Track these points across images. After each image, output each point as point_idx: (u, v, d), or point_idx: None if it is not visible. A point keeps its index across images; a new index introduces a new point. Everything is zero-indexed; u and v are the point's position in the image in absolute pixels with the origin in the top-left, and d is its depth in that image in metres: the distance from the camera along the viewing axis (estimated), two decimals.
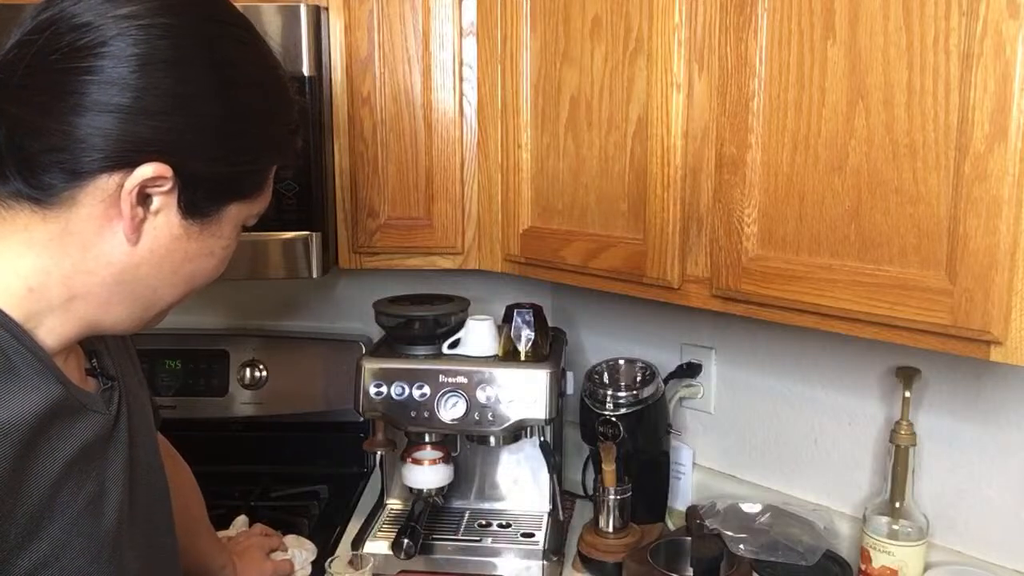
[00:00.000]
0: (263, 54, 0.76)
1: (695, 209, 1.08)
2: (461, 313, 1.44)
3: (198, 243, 0.73)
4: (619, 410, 1.37)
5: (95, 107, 0.64)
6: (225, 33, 0.72)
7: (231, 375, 1.70)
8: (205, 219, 0.72)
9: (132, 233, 0.69)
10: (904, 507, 1.16)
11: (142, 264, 0.71)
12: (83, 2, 0.65)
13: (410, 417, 1.34)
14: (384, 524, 1.47)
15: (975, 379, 1.16)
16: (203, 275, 0.76)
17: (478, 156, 1.38)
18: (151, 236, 0.70)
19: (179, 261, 0.73)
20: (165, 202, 0.69)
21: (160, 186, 0.68)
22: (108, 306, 0.72)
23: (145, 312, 0.75)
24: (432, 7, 1.34)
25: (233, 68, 0.71)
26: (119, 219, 0.68)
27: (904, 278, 0.86)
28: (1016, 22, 0.74)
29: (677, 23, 1.05)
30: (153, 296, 0.74)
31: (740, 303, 1.04)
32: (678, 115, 1.07)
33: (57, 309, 0.70)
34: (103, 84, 0.64)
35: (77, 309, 0.71)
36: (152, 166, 0.66)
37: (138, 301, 0.73)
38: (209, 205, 0.72)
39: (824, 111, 0.91)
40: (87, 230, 0.68)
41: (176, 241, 0.71)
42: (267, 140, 0.76)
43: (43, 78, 0.65)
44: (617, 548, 1.35)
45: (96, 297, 0.71)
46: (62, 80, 0.64)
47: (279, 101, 0.77)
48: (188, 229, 0.72)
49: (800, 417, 1.37)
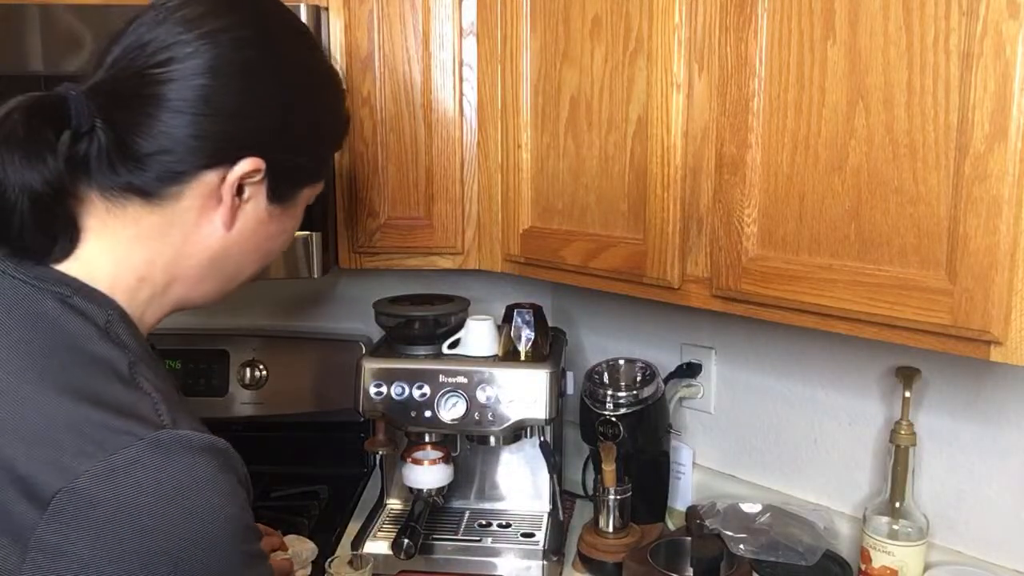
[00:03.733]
0: (324, 55, 0.86)
1: (695, 209, 1.08)
2: (461, 313, 1.44)
3: (278, 224, 0.83)
4: (619, 410, 1.37)
5: (191, 112, 0.72)
6: (298, 40, 0.82)
7: (231, 375, 1.70)
8: (286, 203, 0.82)
9: (229, 220, 0.78)
10: (904, 507, 1.16)
11: (233, 246, 0.79)
12: (167, 24, 0.73)
13: (410, 417, 1.34)
14: (384, 524, 1.47)
15: (975, 379, 1.16)
16: (277, 250, 0.86)
17: (478, 156, 1.38)
18: (242, 221, 0.79)
19: (262, 240, 0.82)
20: (255, 191, 0.78)
21: (254, 178, 0.77)
22: (200, 284, 0.81)
23: (228, 285, 0.85)
24: (432, 7, 1.34)
25: (306, 70, 0.82)
26: (216, 208, 0.76)
27: (904, 278, 0.86)
28: (1016, 22, 0.74)
29: (677, 23, 1.05)
30: (237, 271, 0.83)
31: (740, 303, 1.04)
32: (678, 115, 1.07)
33: (159, 295, 0.78)
34: (194, 92, 0.72)
35: (174, 291, 0.79)
36: (249, 161, 0.75)
37: (225, 277, 0.83)
38: (290, 191, 0.82)
39: (824, 111, 0.91)
40: (188, 220, 0.76)
41: (261, 224, 0.80)
42: (331, 131, 0.88)
43: (144, 89, 0.72)
44: (617, 548, 1.35)
45: (191, 278, 0.79)
46: (160, 90, 0.72)
47: (339, 96, 0.88)
48: (272, 212, 0.81)
49: (800, 417, 1.37)
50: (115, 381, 0.67)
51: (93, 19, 1.21)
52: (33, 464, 0.61)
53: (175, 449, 0.64)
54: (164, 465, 0.63)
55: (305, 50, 0.83)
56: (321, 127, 0.84)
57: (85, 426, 0.63)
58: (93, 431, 0.63)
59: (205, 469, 0.65)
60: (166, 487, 0.62)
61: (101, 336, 0.70)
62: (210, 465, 0.66)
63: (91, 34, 1.21)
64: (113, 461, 0.61)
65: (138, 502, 0.61)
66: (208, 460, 0.66)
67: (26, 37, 1.22)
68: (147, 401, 0.67)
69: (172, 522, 0.62)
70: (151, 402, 0.67)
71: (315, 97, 0.83)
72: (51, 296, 0.70)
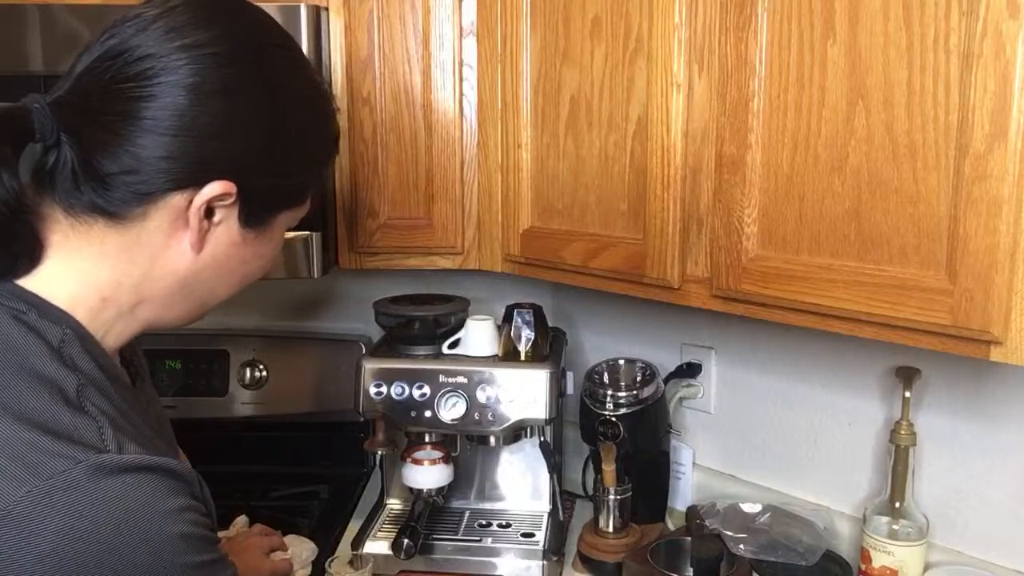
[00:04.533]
0: (310, 72, 0.81)
1: (695, 209, 1.08)
2: (461, 313, 1.44)
3: (253, 248, 0.79)
4: (619, 410, 1.37)
5: (164, 132, 0.69)
6: (279, 57, 0.77)
7: (231, 375, 1.70)
8: (260, 227, 0.78)
9: (198, 243, 0.74)
10: (904, 507, 1.16)
11: (204, 270, 0.76)
12: (146, 33, 0.70)
13: (410, 417, 1.34)
14: (384, 524, 1.47)
15: (975, 379, 1.16)
16: (254, 275, 0.83)
17: (478, 156, 1.38)
18: (213, 244, 0.75)
19: (236, 264, 0.79)
20: (227, 214, 0.75)
21: (224, 201, 0.73)
22: (170, 307, 0.78)
23: (201, 309, 0.82)
24: (432, 7, 1.34)
25: (287, 90, 0.77)
26: (185, 231, 0.73)
27: (904, 278, 0.86)
28: (1016, 22, 0.74)
29: (677, 23, 1.05)
30: (210, 296, 0.80)
31: (740, 303, 1.04)
32: (678, 115, 1.07)
33: (125, 315, 0.75)
34: (170, 111, 0.69)
35: (142, 312, 0.76)
36: (219, 184, 0.72)
37: (197, 301, 0.80)
38: (265, 215, 0.78)
39: (824, 111, 0.91)
40: (156, 241, 0.73)
41: (234, 247, 0.77)
42: (315, 153, 0.82)
43: (114, 105, 0.69)
44: (617, 548, 1.35)
45: (160, 300, 0.76)
46: (131, 107, 0.69)
47: (325, 116, 0.83)
48: (245, 236, 0.77)
49: (800, 417, 1.37)
50: (60, 404, 0.64)
51: (93, 19, 1.21)
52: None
53: (114, 472, 0.62)
54: (103, 488, 0.61)
55: (289, 68, 0.78)
56: (302, 149, 0.79)
57: (23, 448, 0.61)
58: (31, 454, 0.61)
59: (146, 490, 0.63)
60: (105, 511, 0.61)
61: (52, 356, 0.67)
62: (153, 485, 0.64)
63: (91, 34, 1.20)
64: (50, 485, 0.59)
65: (77, 527, 0.59)
66: (151, 480, 0.64)
67: (26, 37, 1.22)
68: (92, 425, 0.64)
69: (114, 547, 0.60)
70: (96, 426, 0.64)
71: (297, 119, 0.78)
72: (5, 311, 0.68)
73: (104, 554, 0.60)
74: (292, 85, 0.78)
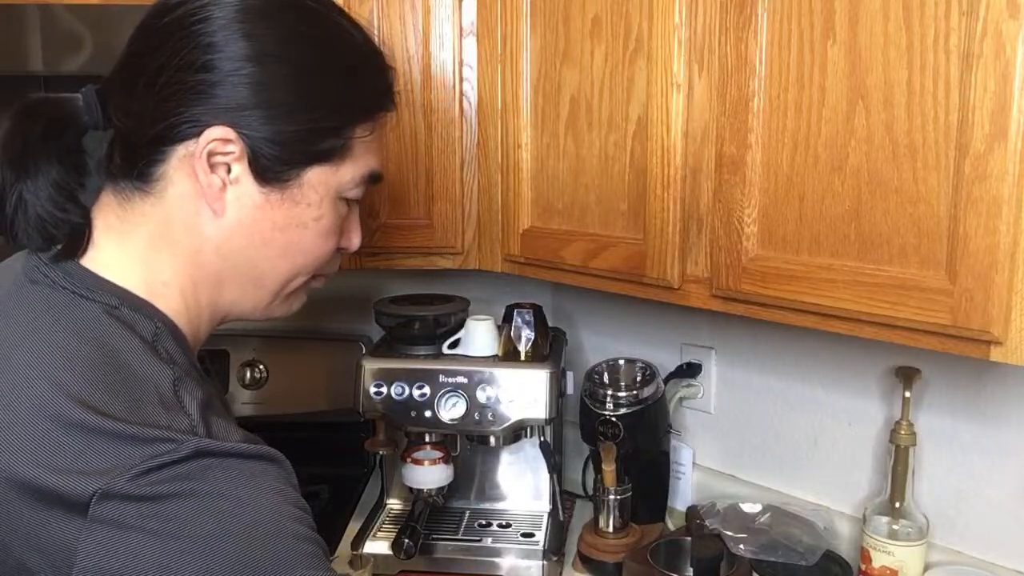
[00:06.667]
0: (336, 15, 0.77)
1: (695, 209, 1.08)
2: (461, 313, 1.44)
3: (283, 212, 0.75)
4: (619, 410, 1.37)
5: (162, 84, 0.69)
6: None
7: (231, 375, 1.70)
8: (284, 185, 0.74)
9: (214, 203, 0.72)
10: (904, 507, 1.16)
11: (233, 236, 0.74)
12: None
13: (410, 417, 1.34)
14: (384, 524, 1.47)
15: (975, 379, 1.16)
16: (303, 249, 0.78)
17: (478, 156, 1.38)
18: (235, 206, 0.73)
19: (268, 231, 0.75)
20: (241, 169, 0.72)
21: (229, 151, 0.71)
22: (221, 287, 0.76)
23: (257, 290, 0.78)
24: (432, 7, 1.34)
25: (297, 29, 0.73)
26: (204, 195, 0.72)
27: (904, 278, 0.86)
28: (1016, 22, 0.74)
29: (677, 23, 1.05)
30: (255, 272, 0.77)
31: (740, 303, 1.04)
32: (678, 115, 1.07)
33: (191, 303, 0.75)
34: (166, 60, 0.69)
35: (202, 296, 0.75)
36: (216, 129, 0.70)
37: (244, 278, 0.77)
38: (284, 169, 0.73)
39: (824, 111, 0.91)
40: (187, 210, 0.72)
41: (259, 210, 0.74)
42: (339, 98, 0.76)
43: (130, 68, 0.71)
44: (617, 548, 1.35)
45: (212, 280, 0.75)
46: (141, 64, 0.70)
47: (357, 61, 0.77)
48: (268, 197, 0.74)
49: (800, 417, 1.37)
50: (156, 401, 0.64)
51: (93, 19, 1.21)
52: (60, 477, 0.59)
53: (223, 456, 0.63)
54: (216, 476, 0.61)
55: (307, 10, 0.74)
56: (311, 92, 0.73)
57: (119, 443, 0.61)
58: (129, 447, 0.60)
59: (263, 477, 0.64)
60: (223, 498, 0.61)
61: (147, 350, 0.67)
62: (265, 472, 0.65)
63: (91, 34, 1.21)
64: (152, 468, 0.59)
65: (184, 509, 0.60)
66: (263, 467, 0.65)
67: (26, 37, 1.22)
68: (185, 420, 0.64)
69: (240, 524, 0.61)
70: (189, 421, 0.64)
71: (300, 57, 0.73)
72: (99, 307, 0.68)
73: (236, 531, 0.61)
74: (308, 23, 0.74)
